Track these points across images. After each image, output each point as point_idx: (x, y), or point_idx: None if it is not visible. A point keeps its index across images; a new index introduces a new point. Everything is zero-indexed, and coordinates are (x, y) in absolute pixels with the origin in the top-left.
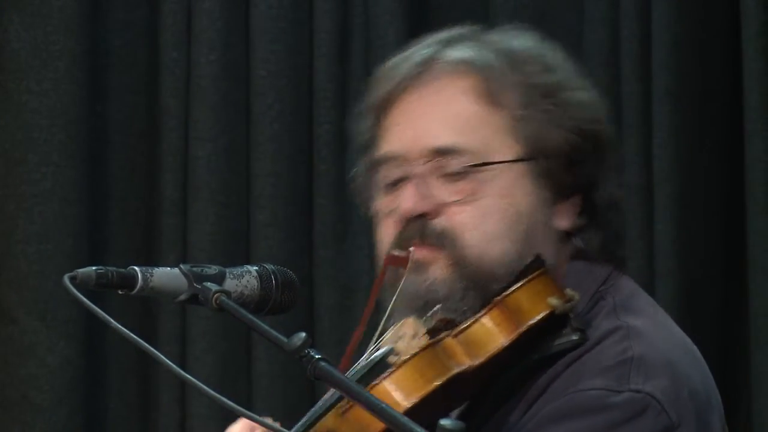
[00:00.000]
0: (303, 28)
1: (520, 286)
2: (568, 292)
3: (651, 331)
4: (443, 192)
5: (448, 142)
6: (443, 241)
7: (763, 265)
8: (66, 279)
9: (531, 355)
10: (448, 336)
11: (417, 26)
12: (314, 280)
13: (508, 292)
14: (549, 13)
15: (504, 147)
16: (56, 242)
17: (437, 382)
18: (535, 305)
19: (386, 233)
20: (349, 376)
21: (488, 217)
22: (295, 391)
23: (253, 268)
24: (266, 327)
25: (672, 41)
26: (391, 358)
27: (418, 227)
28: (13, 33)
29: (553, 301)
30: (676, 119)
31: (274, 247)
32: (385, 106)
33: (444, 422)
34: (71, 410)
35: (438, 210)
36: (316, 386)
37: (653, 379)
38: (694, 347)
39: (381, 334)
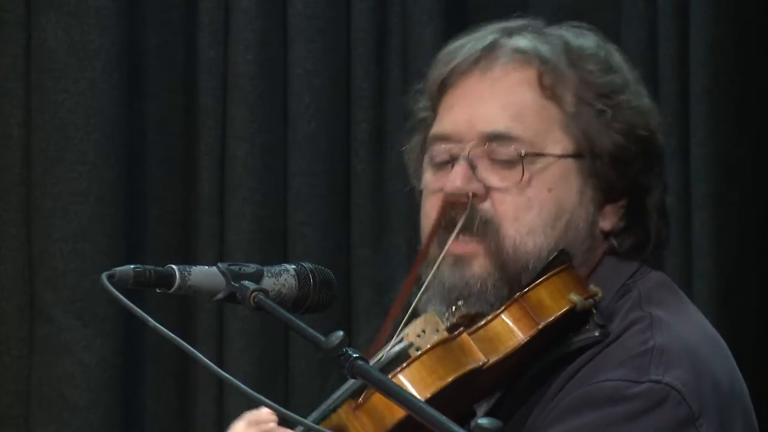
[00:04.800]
0: (340, 27)
1: (542, 281)
2: (592, 288)
3: (674, 321)
4: (492, 176)
5: (502, 128)
6: (486, 229)
7: None
8: (104, 277)
9: (552, 351)
10: (464, 332)
11: (454, 26)
12: (351, 279)
13: (528, 288)
14: (587, 12)
15: (556, 141)
16: (93, 241)
17: (450, 378)
18: (556, 301)
19: (431, 210)
20: None
21: (531, 208)
22: (333, 390)
23: (291, 267)
24: (304, 326)
25: (710, 40)
26: (411, 352)
27: (465, 211)
28: (50, 32)
29: (574, 297)
30: (714, 118)
31: (311, 246)
32: (444, 86)
33: (482, 421)
34: (108, 409)
35: (484, 193)
36: None
37: (674, 369)
38: (720, 338)
39: (404, 327)
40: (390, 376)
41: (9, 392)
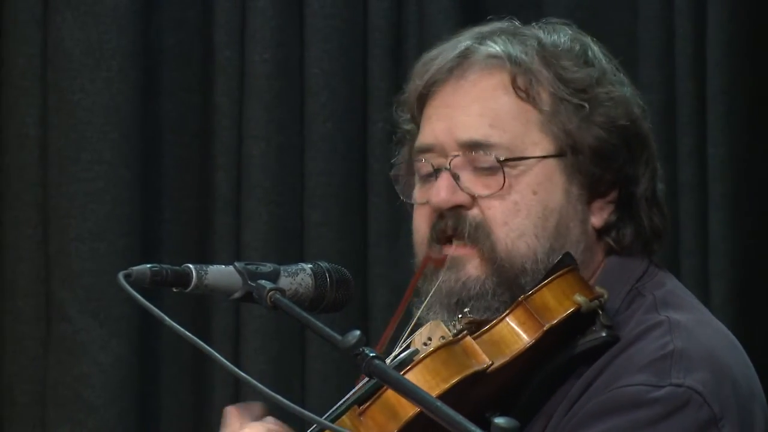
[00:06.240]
0: (357, 27)
1: (546, 284)
2: (597, 289)
3: (692, 325)
4: (476, 185)
5: (480, 137)
6: (477, 235)
7: None
8: (121, 277)
9: (559, 354)
10: (467, 336)
11: (470, 25)
12: (368, 278)
13: (533, 290)
14: (603, 12)
15: (536, 142)
16: (109, 241)
17: (454, 380)
18: (561, 303)
19: (420, 223)
20: None
21: (518, 212)
22: (349, 390)
23: (308, 266)
24: (320, 325)
25: (726, 40)
26: (417, 359)
27: (454, 220)
28: (66, 32)
29: (579, 298)
30: (730, 119)
31: (327, 245)
32: (422, 98)
33: (498, 420)
34: (124, 409)
35: (471, 202)
36: None
37: (694, 372)
38: (734, 339)
39: (410, 334)
40: None
41: (25, 392)
